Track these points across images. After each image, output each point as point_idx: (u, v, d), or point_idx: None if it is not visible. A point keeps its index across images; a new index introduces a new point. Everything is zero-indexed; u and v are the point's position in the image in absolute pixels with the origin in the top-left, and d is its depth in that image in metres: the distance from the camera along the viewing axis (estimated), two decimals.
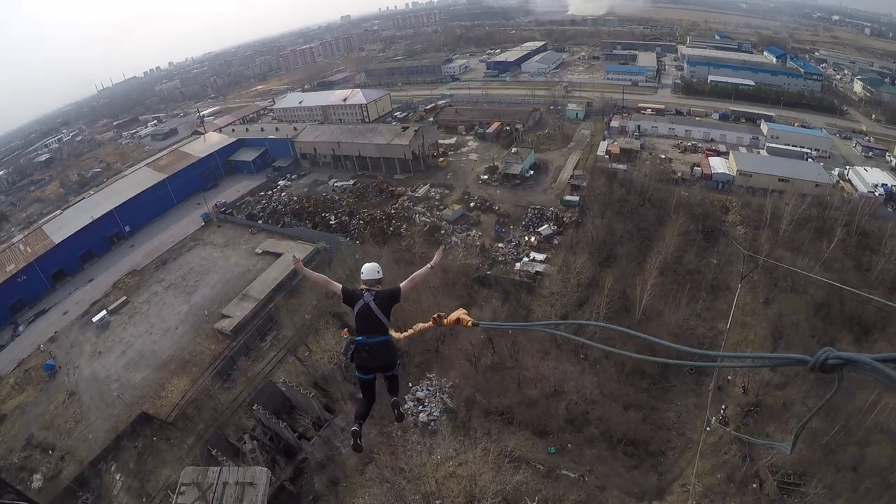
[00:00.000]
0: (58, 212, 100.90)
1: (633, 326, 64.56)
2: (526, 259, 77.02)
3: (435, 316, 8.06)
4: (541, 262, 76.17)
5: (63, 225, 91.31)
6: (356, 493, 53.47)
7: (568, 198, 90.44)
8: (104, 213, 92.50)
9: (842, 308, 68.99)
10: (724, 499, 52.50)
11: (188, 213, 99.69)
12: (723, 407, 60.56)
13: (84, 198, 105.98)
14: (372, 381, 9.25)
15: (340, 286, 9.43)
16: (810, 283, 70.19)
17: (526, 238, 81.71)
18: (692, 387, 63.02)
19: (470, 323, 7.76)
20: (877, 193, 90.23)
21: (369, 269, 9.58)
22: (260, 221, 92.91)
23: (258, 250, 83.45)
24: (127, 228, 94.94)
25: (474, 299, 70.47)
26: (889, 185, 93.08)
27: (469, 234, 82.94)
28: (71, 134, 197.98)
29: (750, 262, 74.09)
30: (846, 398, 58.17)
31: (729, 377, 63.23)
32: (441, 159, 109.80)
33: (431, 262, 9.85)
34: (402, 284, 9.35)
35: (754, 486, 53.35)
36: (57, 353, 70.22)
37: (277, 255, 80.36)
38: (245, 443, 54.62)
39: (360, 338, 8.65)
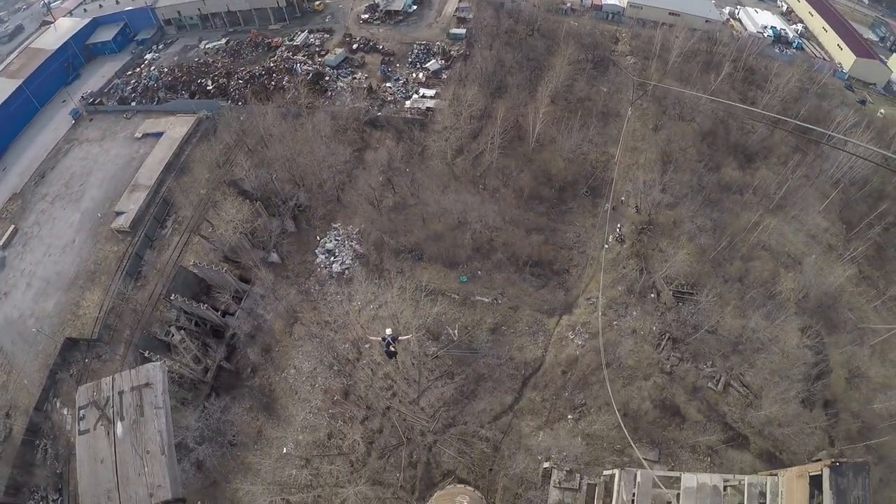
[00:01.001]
0: None
1: (527, 154, 66.16)
2: (416, 96, 74.89)
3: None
4: (431, 97, 74.29)
5: None
6: (290, 355, 54.41)
7: (454, 31, 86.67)
8: None
9: (727, 137, 72.83)
10: (627, 308, 57.13)
11: (55, 114, 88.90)
12: (618, 226, 63.81)
13: None
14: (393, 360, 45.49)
15: (379, 338, 39.88)
16: (697, 111, 73.50)
17: (414, 75, 79.12)
18: (588, 208, 65.57)
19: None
20: (765, 34, 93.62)
21: (389, 332, 38.50)
22: (133, 103, 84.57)
23: (138, 134, 76.68)
24: None
25: (367, 142, 68.62)
26: (778, 27, 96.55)
27: (355, 78, 78.89)
28: None
29: (640, 89, 75.62)
30: (731, 217, 63.88)
31: (622, 198, 66.03)
32: (317, 2, 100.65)
33: (410, 337, 46.15)
34: (399, 338, 41.32)
35: (652, 295, 58.41)
36: None
37: (159, 135, 74.51)
38: (173, 335, 53.74)
39: (387, 350, 39.35)
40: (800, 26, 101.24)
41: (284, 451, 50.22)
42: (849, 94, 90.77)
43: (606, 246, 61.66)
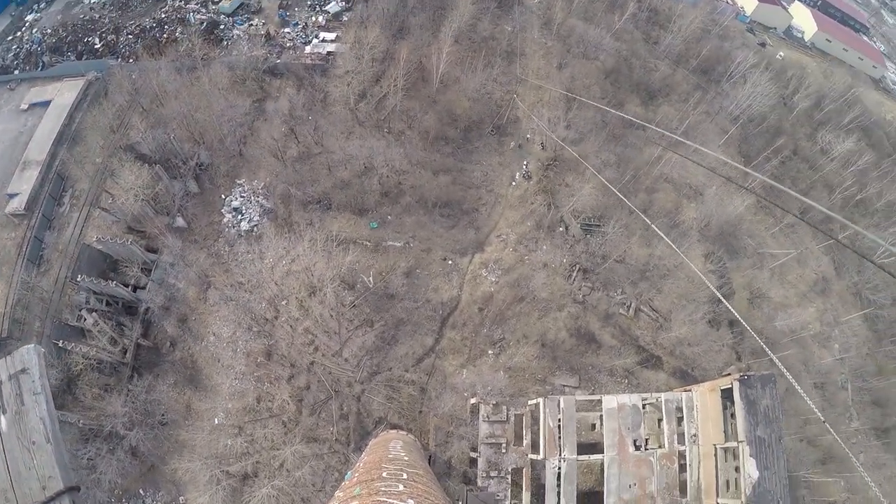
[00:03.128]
0: None
1: (431, 95, 65.80)
2: (316, 41, 72.29)
3: None
4: (331, 41, 71.99)
5: None
6: (207, 322, 53.09)
7: None
8: None
9: (630, 75, 74.60)
10: (537, 243, 58.93)
11: None
12: (525, 163, 65.19)
13: None
14: None
15: None
16: (601, 50, 75.09)
17: (313, 19, 75.86)
18: (494, 147, 66.17)
19: None
20: None
21: None
22: (17, 71, 77.82)
23: (24, 106, 70.25)
24: None
25: (267, 92, 66.17)
26: None
27: (252, 24, 74.98)
28: None
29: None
30: (634, 152, 66.66)
31: (528, 136, 67.03)
32: None
33: None
34: None
35: (561, 229, 60.46)
36: None
37: (47, 104, 68.68)
38: (85, 319, 51.58)
39: None
40: None
41: (216, 422, 49.79)
42: (749, 37, 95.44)
43: (513, 183, 63.30)
